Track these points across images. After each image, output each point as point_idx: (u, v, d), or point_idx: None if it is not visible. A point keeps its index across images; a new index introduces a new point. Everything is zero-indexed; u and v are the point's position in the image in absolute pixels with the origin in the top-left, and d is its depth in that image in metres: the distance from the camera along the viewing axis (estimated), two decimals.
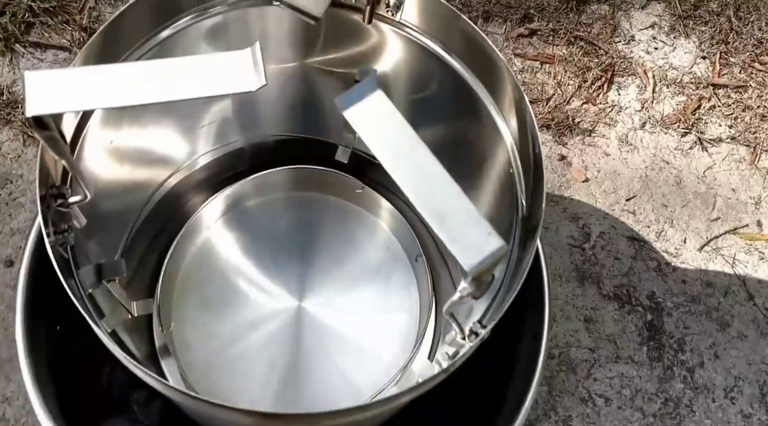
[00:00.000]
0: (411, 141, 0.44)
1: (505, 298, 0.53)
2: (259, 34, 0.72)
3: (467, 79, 0.64)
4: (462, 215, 0.41)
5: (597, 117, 1.36)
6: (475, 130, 0.67)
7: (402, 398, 0.55)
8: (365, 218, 0.95)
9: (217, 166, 0.92)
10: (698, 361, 1.19)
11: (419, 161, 0.43)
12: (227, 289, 0.91)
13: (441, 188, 0.43)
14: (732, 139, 1.38)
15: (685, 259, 1.27)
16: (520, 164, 0.61)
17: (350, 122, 0.45)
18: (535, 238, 0.53)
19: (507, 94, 0.60)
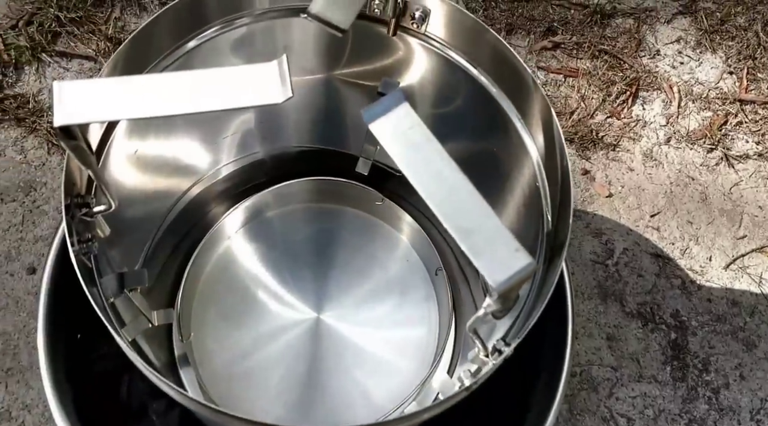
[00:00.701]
0: (437, 155, 0.43)
1: (529, 315, 0.52)
2: (284, 45, 0.72)
3: (493, 92, 0.64)
4: (489, 231, 0.40)
5: (621, 131, 1.34)
6: (500, 144, 0.66)
7: (422, 416, 0.54)
8: (385, 231, 0.94)
9: (239, 176, 0.92)
10: (723, 381, 1.16)
11: (446, 176, 0.43)
12: (247, 300, 0.90)
13: (468, 204, 0.42)
14: (759, 156, 1.35)
15: (710, 278, 1.25)
16: (546, 179, 0.60)
17: (376, 135, 0.44)
18: (561, 256, 0.52)
19: (534, 108, 0.59)
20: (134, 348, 0.64)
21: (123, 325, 0.65)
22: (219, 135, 0.83)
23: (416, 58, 0.70)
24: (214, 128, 0.82)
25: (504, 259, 0.39)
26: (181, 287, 0.88)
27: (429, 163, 0.44)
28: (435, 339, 0.89)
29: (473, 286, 0.87)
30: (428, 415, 0.54)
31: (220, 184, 0.92)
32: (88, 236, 0.54)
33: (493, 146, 0.69)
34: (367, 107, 0.45)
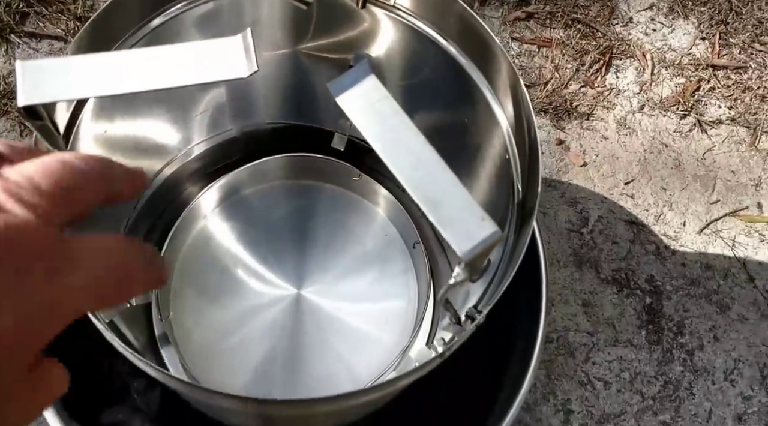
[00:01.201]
0: (404, 127, 0.43)
1: (501, 282, 0.53)
2: (252, 20, 0.71)
3: (463, 63, 0.64)
4: (455, 201, 0.41)
5: (595, 100, 1.35)
6: (470, 115, 0.67)
7: (398, 383, 0.55)
8: (363, 205, 0.95)
9: (212, 155, 0.92)
10: (698, 343, 1.19)
11: (413, 147, 0.43)
12: (225, 278, 0.91)
13: (435, 175, 0.42)
14: (732, 121, 1.37)
15: (684, 242, 1.27)
16: (516, 149, 0.60)
17: (343, 108, 0.44)
18: (530, 223, 0.53)
19: (503, 78, 0.59)
20: (112, 329, 0.64)
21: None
22: (189, 113, 0.82)
23: (384, 30, 0.69)
24: (184, 106, 0.82)
25: (470, 229, 0.40)
26: None
27: (396, 134, 0.44)
28: (414, 310, 0.90)
29: (451, 258, 0.88)
30: (404, 382, 0.55)
31: (193, 163, 0.92)
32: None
33: (464, 117, 0.69)
34: (333, 80, 0.45)
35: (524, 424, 1.12)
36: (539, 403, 1.14)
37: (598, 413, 1.14)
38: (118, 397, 0.79)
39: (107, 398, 0.79)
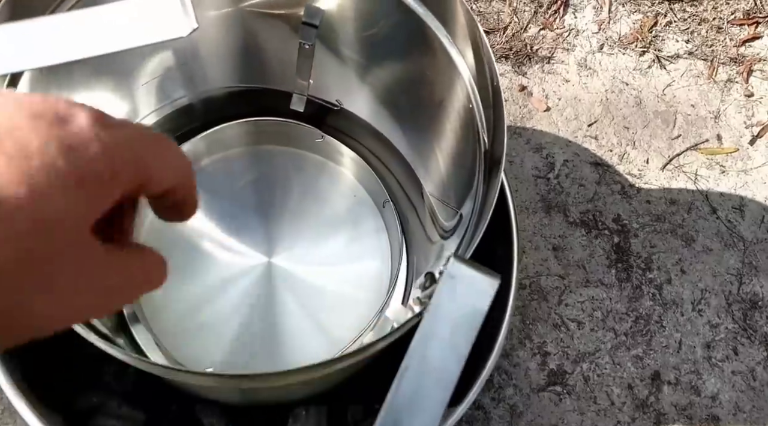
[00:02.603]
0: None
1: (473, 236, 0.53)
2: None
3: (420, 13, 0.61)
4: None
5: (555, 43, 1.33)
6: (431, 66, 0.65)
7: (378, 346, 0.54)
8: (328, 167, 0.93)
9: (165, 125, 0.89)
10: (666, 278, 1.22)
11: None
12: (192, 253, 0.89)
13: None
14: (689, 55, 1.37)
15: (648, 180, 1.28)
16: (479, 100, 0.59)
17: None
18: (499, 173, 0.52)
19: (461, 26, 0.57)
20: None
21: None
22: (134, 82, 0.79)
23: None
24: (128, 75, 0.78)
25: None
26: None
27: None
28: (388, 269, 0.90)
29: (421, 215, 0.87)
30: (383, 344, 0.55)
31: None
32: None
33: (425, 69, 0.67)
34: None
35: (503, 369, 1.14)
36: (516, 348, 1.15)
37: (574, 353, 1.16)
38: (90, 381, 0.77)
39: (80, 383, 0.77)
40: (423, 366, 0.33)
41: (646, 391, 1.13)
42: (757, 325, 1.18)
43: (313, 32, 0.72)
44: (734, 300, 1.20)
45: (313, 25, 0.71)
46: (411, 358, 0.33)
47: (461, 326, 0.34)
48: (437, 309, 0.35)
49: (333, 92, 0.86)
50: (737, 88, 1.36)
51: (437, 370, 0.33)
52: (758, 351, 1.16)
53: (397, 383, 0.33)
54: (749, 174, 1.29)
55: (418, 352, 0.34)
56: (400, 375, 0.33)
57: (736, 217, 1.26)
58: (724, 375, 1.15)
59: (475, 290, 0.35)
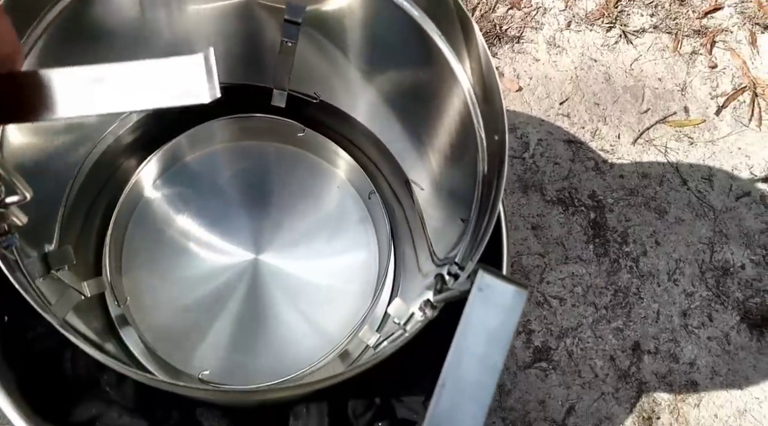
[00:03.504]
0: None
1: (478, 237, 0.53)
2: None
3: (416, 16, 0.60)
4: None
5: (523, 22, 1.34)
6: (431, 74, 0.64)
7: (386, 353, 0.55)
8: (311, 161, 0.92)
9: (146, 125, 0.86)
10: (641, 250, 1.25)
11: None
12: (178, 253, 0.87)
13: None
14: (654, 28, 1.39)
15: (620, 155, 1.31)
16: (474, 94, 0.59)
17: None
18: (504, 170, 0.52)
19: (457, 30, 0.57)
20: (68, 325, 0.61)
21: (53, 304, 0.62)
22: None
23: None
24: None
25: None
26: (106, 252, 0.83)
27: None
28: (376, 261, 0.90)
29: (406, 207, 0.87)
30: (393, 350, 0.55)
31: (127, 136, 0.86)
32: (4, 228, 0.49)
33: (421, 73, 0.67)
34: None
35: None
36: None
37: (557, 329, 1.19)
38: (88, 392, 0.76)
39: (77, 394, 0.76)
40: (459, 382, 0.34)
41: (627, 361, 1.17)
42: (729, 292, 1.22)
43: (296, 30, 0.71)
44: (707, 268, 1.24)
45: (296, 22, 0.70)
46: (447, 375, 0.34)
47: (494, 340, 0.35)
48: (469, 323, 0.35)
49: (310, 85, 0.85)
50: (701, 59, 1.38)
51: (473, 386, 0.34)
52: (731, 316, 1.21)
53: (436, 401, 0.33)
54: (716, 144, 1.33)
55: (453, 368, 0.34)
56: (437, 393, 0.33)
57: (706, 187, 1.30)
58: (700, 341, 1.19)
59: (505, 302, 0.36)
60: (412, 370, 0.81)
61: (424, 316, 0.52)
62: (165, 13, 0.70)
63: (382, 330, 0.84)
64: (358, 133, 0.85)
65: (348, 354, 0.86)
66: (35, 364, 0.77)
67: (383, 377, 0.80)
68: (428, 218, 0.80)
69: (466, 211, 0.61)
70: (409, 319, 0.65)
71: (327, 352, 0.84)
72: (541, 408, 1.13)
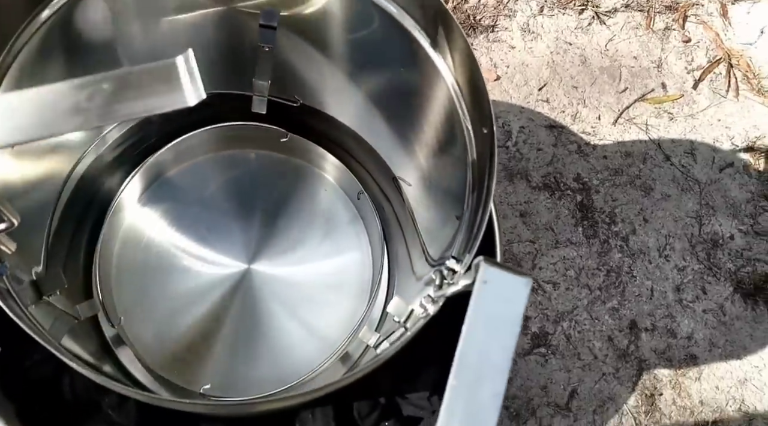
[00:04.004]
0: None
1: (472, 231, 0.53)
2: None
3: (394, 14, 0.60)
4: None
5: (496, 10, 1.34)
6: (411, 67, 0.64)
7: (389, 353, 0.54)
8: (297, 166, 0.91)
9: (127, 140, 0.85)
10: (630, 229, 1.25)
11: None
12: (169, 269, 0.86)
13: None
14: (626, 7, 1.40)
15: (602, 136, 1.31)
16: (461, 93, 0.58)
17: None
18: (494, 163, 0.52)
19: (436, 24, 0.56)
20: (65, 349, 0.60)
21: (47, 330, 0.61)
22: None
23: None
24: None
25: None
26: (96, 273, 0.82)
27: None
28: (370, 260, 0.90)
29: (395, 205, 0.87)
30: (395, 349, 0.55)
31: (108, 155, 0.85)
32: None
33: (407, 73, 0.66)
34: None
35: None
36: None
37: (553, 314, 1.19)
38: (90, 416, 0.75)
39: (79, 420, 0.75)
40: (471, 378, 0.33)
41: (625, 340, 1.18)
42: (720, 263, 1.23)
43: (273, 34, 0.70)
44: (697, 241, 1.25)
45: (272, 26, 0.69)
46: (459, 372, 0.33)
47: (502, 332, 0.35)
48: (476, 318, 0.35)
49: (291, 89, 0.84)
50: (675, 35, 1.39)
51: (485, 378, 0.34)
52: (724, 287, 1.22)
53: (451, 388, 0.33)
54: (696, 118, 1.34)
55: (464, 364, 0.34)
56: (451, 388, 0.33)
57: (689, 161, 1.31)
58: (696, 315, 1.20)
59: (510, 293, 0.35)
60: (414, 367, 0.81)
61: (426, 312, 0.51)
62: (140, 26, 0.69)
63: (382, 329, 0.84)
64: (342, 134, 0.85)
65: (348, 356, 0.86)
66: (34, 392, 0.76)
67: (386, 376, 0.79)
68: (420, 219, 0.80)
69: (458, 207, 0.60)
70: (409, 316, 0.64)
71: (327, 356, 0.84)
72: (543, 394, 1.13)
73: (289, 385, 0.82)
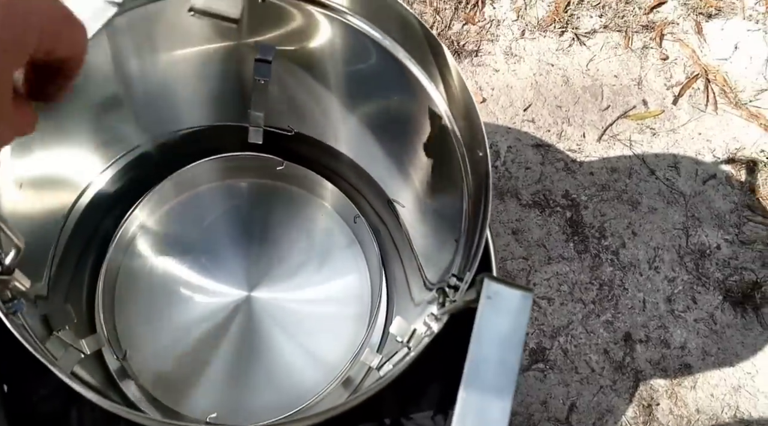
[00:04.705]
0: None
1: (472, 249, 0.55)
2: (166, 26, 0.66)
3: (383, 42, 0.63)
4: None
5: (479, 35, 1.38)
6: (405, 96, 0.66)
7: (394, 374, 0.56)
8: (294, 193, 0.93)
9: (127, 173, 0.87)
10: (620, 242, 1.28)
11: None
12: (171, 299, 0.87)
13: None
14: (605, 28, 1.44)
15: (588, 153, 1.34)
16: (455, 122, 0.61)
17: None
18: (489, 181, 0.54)
19: (428, 54, 0.59)
20: (77, 380, 0.61)
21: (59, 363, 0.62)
22: (91, 140, 0.77)
23: (308, 22, 0.67)
24: (90, 133, 0.76)
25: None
26: (99, 306, 0.83)
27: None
28: (368, 283, 0.91)
29: (391, 228, 0.89)
30: (400, 369, 0.56)
31: (109, 188, 0.86)
32: (8, 295, 0.50)
33: (400, 101, 0.69)
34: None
35: None
36: None
37: (549, 329, 1.21)
38: None
39: None
40: (480, 387, 0.35)
41: (621, 352, 1.20)
42: (709, 273, 1.26)
43: (268, 68, 0.72)
44: (685, 252, 1.28)
45: (267, 61, 0.72)
46: (468, 385, 0.35)
47: (507, 344, 0.36)
48: (481, 330, 0.37)
49: (287, 119, 0.86)
50: (653, 53, 1.44)
51: (494, 388, 0.35)
52: (714, 296, 1.25)
53: (460, 406, 0.35)
54: (678, 132, 1.37)
55: (472, 378, 0.36)
56: (460, 399, 0.35)
57: (673, 174, 1.34)
58: (688, 324, 1.22)
59: (513, 307, 0.37)
60: (417, 386, 0.82)
61: (430, 331, 0.53)
62: (138, 63, 0.72)
63: (384, 350, 0.85)
64: (337, 161, 0.87)
65: (351, 380, 0.87)
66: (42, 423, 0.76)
67: (390, 397, 0.81)
68: (417, 244, 0.82)
69: (455, 230, 0.62)
70: (412, 336, 0.66)
71: (330, 381, 0.85)
72: (543, 409, 1.15)
73: (293, 411, 0.83)
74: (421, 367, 0.67)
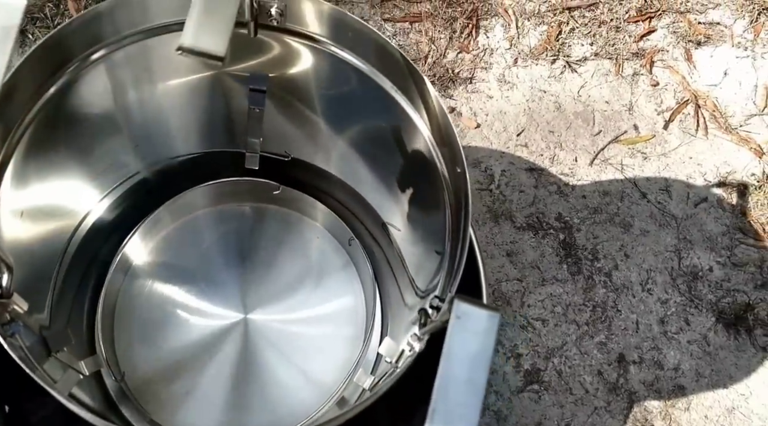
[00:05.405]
0: None
1: (453, 270, 0.57)
2: (161, 59, 0.70)
3: (365, 70, 0.66)
4: None
5: (473, 63, 1.41)
6: (388, 120, 0.69)
7: (382, 391, 0.58)
8: (289, 216, 0.96)
9: (125, 201, 0.90)
10: (612, 264, 1.30)
11: None
12: (169, 323, 0.90)
13: None
14: (595, 56, 1.47)
15: (580, 177, 1.37)
16: (434, 142, 0.64)
17: None
18: (468, 202, 0.57)
19: (406, 78, 0.62)
20: (75, 401, 0.63)
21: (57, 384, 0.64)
22: (93, 167, 0.81)
23: (286, 51, 0.70)
24: (89, 163, 0.79)
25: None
26: (98, 329, 0.86)
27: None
28: (363, 303, 0.93)
29: (384, 247, 0.91)
30: (387, 387, 0.58)
31: (108, 215, 0.89)
32: (7, 317, 0.52)
33: (383, 123, 0.72)
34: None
35: None
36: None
37: (543, 350, 1.23)
38: None
39: None
40: (448, 405, 0.37)
41: (615, 374, 1.21)
42: (701, 295, 1.28)
43: (262, 97, 0.75)
44: (677, 274, 1.29)
45: (261, 90, 0.75)
46: (437, 401, 0.37)
47: (475, 362, 0.38)
48: (451, 349, 0.39)
49: (282, 144, 0.89)
50: (643, 79, 1.47)
51: (461, 407, 0.37)
52: (707, 318, 1.26)
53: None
54: (668, 156, 1.40)
55: (441, 393, 0.38)
56: (429, 418, 0.37)
57: (665, 197, 1.36)
58: (681, 346, 1.23)
59: (481, 327, 0.39)
60: (409, 404, 0.83)
61: (413, 351, 0.55)
62: (136, 94, 0.75)
63: (377, 371, 0.87)
64: (331, 184, 0.90)
65: (345, 400, 0.89)
66: None
67: (383, 415, 0.82)
68: (408, 256, 0.84)
69: (440, 243, 0.65)
70: (401, 357, 0.68)
71: (323, 402, 0.87)
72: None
73: None
74: (412, 386, 0.69)
